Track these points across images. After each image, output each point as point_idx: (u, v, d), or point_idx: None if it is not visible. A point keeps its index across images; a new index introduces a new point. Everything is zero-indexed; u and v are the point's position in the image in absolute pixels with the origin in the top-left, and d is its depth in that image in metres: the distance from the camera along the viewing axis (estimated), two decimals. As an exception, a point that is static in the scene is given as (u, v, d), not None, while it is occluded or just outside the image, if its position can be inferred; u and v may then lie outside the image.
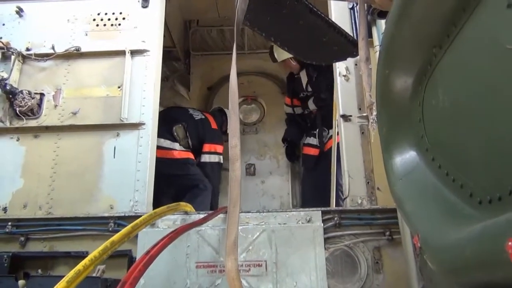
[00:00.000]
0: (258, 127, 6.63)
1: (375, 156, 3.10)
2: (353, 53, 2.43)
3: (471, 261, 0.77)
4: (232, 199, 1.51)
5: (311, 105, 5.09)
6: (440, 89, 1.11)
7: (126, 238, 1.91)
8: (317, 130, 4.90)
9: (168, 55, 6.56)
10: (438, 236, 0.96)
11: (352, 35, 3.36)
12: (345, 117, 3.22)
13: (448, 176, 1.08)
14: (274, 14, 2.13)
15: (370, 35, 3.12)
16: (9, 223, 3.00)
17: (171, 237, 1.77)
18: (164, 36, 3.89)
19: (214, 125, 5.21)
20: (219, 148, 5.11)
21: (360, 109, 3.24)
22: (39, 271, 2.86)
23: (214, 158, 5.02)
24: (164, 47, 4.05)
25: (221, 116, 5.55)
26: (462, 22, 0.97)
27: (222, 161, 5.12)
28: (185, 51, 6.89)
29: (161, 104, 4.09)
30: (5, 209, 3.10)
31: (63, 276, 2.30)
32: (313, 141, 4.94)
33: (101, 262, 2.51)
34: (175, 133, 4.62)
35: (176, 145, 4.65)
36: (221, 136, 5.27)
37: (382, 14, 2.01)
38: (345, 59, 3.04)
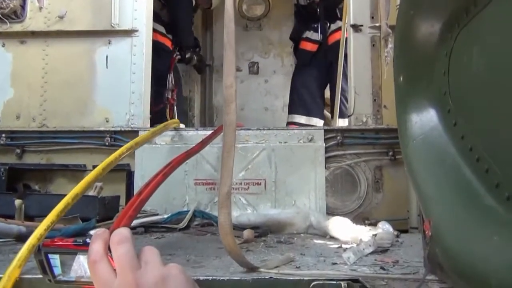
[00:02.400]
0: (262, 23, 6.21)
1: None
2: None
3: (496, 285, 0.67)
4: (226, 145, 1.38)
5: None
6: (476, 48, 0.92)
7: (108, 169, 1.83)
8: (319, 23, 4.49)
9: None
10: (454, 230, 0.85)
11: None
12: (356, 27, 2.94)
13: (472, 152, 0.93)
14: None
15: None
16: (3, 135, 2.93)
17: (165, 173, 1.68)
18: None
19: None
20: None
21: (373, 17, 2.94)
22: (37, 187, 2.87)
23: None
24: None
25: None
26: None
27: None
28: None
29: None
30: (-3, 120, 3.01)
31: (60, 195, 2.30)
32: (312, 35, 4.46)
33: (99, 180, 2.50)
34: None
35: (156, 25, 3.88)
36: None
37: None
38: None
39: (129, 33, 3.00)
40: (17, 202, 2.31)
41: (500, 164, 0.84)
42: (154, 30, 3.74)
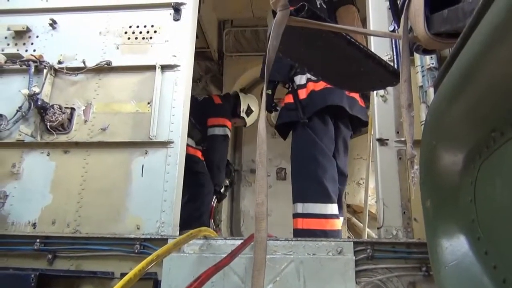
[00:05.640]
0: (289, 130, 6.45)
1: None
2: (393, 82, 2.27)
3: None
4: (256, 263, 1.40)
5: None
6: (499, 180, 0.96)
7: (135, 279, 1.85)
8: None
9: (201, 56, 6.52)
10: None
11: (391, 52, 3.20)
12: (382, 141, 3.04)
13: (506, 284, 0.93)
14: (309, 46, 1.99)
15: (411, 53, 2.92)
16: (38, 240, 3.00)
17: (195, 287, 1.69)
18: (197, 36, 3.80)
19: (217, 101, 5.20)
20: (224, 121, 5.04)
21: (398, 132, 3.05)
22: (65, 295, 2.87)
23: (219, 131, 4.94)
24: (197, 47, 3.97)
25: (235, 99, 5.53)
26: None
27: (228, 133, 5.07)
28: (219, 52, 6.85)
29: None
30: (34, 225, 3.10)
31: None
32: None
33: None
34: None
35: (188, 140, 4.50)
36: (227, 111, 5.23)
37: (428, 50, 1.84)
38: (384, 88, 2.88)
39: (165, 144, 3.18)
40: (44, 312, 2.30)
41: (536, 300, 0.83)
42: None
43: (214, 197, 5.37)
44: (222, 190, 5.34)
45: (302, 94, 3.64)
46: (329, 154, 3.53)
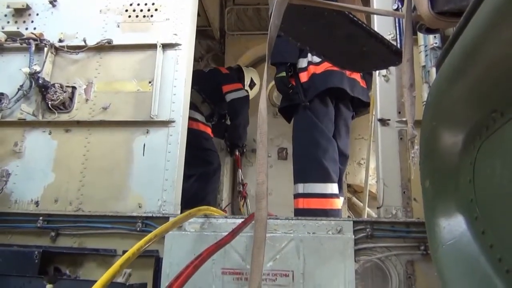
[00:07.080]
0: (291, 109, 6.44)
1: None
2: (396, 62, 2.25)
3: None
4: (256, 241, 1.42)
5: None
6: (499, 161, 0.96)
7: (133, 257, 1.89)
8: None
9: (203, 34, 6.46)
10: None
11: (395, 31, 3.16)
12: (383, 121, 3.04)
13: (501, 263, 0.94)
14: (311, 24, 1.97)
15: (414, 32, 2.89)
16: (41, 218, 3.04)
17: (195, 265, 1.71)
18: (199, 15, 3.76)
19: (224, 71, 5.30)
20: (238, 85, 5.16)
21: (399, 112, 3.04)
22: (67, 271, 2.91)
23: (237, 94, 5.05)
24: (199, 26, 3.94)
25: (238, 72, 5.60)
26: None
27: (246, 94, 5.23)
28: (220, 30, 6.78)
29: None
30: (37, 203, 3.14)
31: (91, 281, 2.33)
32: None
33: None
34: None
35: (198, 115, 4.63)
36: (236, 79, 5.32)
37: (431, 30, 1.82)
38: (387, 68, 2.86)
39: (166, 123, 3.19)
40: (48, 287, 2.35)
41: (531, 278, 0.84)
42: (196, 120, 4.15)
43: (237, 151, 5.78)
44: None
45: (304, 77, 3.64)
46: (329, 135, 3.56)
